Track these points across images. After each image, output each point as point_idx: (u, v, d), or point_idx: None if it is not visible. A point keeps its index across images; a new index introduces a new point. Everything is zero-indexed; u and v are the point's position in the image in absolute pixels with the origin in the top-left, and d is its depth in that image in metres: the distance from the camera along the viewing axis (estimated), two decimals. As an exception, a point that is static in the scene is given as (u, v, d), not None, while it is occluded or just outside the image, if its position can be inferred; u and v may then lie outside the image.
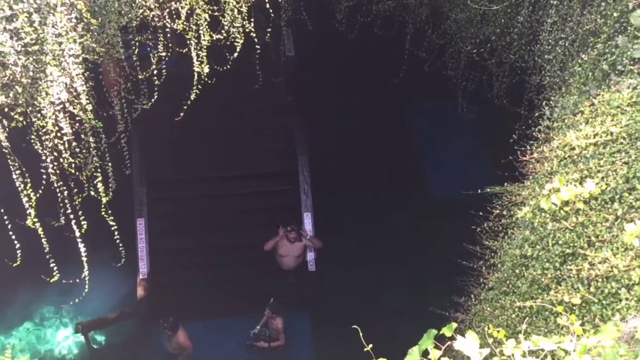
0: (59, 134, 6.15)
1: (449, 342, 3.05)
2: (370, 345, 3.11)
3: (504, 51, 8.43)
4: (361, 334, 3.31)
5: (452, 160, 12.52)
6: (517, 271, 5.02)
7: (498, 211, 5.90)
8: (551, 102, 6.19)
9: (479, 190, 6.19)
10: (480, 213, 6.09)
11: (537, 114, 6.38)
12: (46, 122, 6.01)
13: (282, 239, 10.90)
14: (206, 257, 11.71)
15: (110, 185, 7.08)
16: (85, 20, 5.87)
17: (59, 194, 6.53)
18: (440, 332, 3.13)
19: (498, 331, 2.93)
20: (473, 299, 5.96)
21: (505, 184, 5.98)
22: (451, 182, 11.46)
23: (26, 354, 9.65)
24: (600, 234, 4.13)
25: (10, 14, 5.33)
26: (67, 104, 6.05)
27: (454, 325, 3.07)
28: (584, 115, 5.08)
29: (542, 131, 5.84)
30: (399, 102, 12.94)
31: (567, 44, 6.56)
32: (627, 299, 3.73)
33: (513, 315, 4.87)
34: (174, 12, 6.82)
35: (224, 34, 7.08)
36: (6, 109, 5.83)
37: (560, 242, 4.44)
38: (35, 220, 6.39)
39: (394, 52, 9.81)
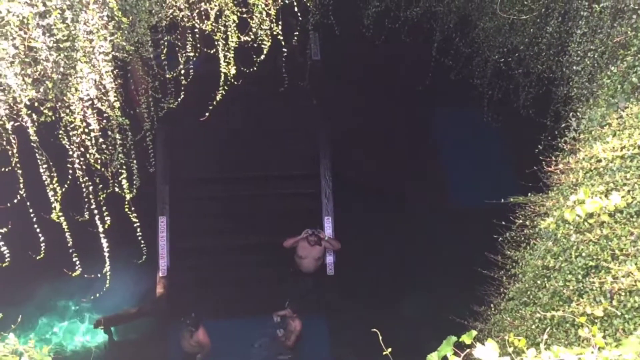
0: (86, 130, 6.23)
1: (468, 350, 3.04)
2: (390, 349, 3.11)
3: (532, 61, 8.39)
4: (380, 338, 3.32)
5: (476, 169, 12.45)
6: (538, 282, 4.98)
7: (521, 221, 5.87)
8: (578, 114, 6.14)
9: (502, 200, 6.16)
10: (503, 222, 6.06)
11: (563, 125, 6.34)
12: (74, 118, 6.10)
13: (303, 241, 10.91)
14: (226, 257, 11.75)
15: (134, 182, 7.15)
16: (116, 18, 5.94)
17: (84, 189, 6.61)
18: (460, 340, 3.12)
19: (519, 340, 2.92)
20: (493, 309, 5.93)
21: (529, 194, 5.95)
22: (474, 191, 11.40)
23: (50, 347, 9.74)
24: (625, 247, 4.09)
25: (44, 10, 5.41)
26: (95, 101, 6.12)
27: (474, 333, 3.06)
28: (612, 127, 5.04)
29: (568, 142, 5.81)
30: (424, 109, 12.91)
31: (596, 56, 6.50)
32: (650, 313, 3.70)
33: (533, 326, 4.83)
34: (203, 12, 6.88)
35: (252, 36, 7.12)
36: (36, 104, 5.91)
37: (583, 254, 4.41)
38: (60, 214, 6.47)
39: (421, 59, 9.81)
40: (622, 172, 4.48)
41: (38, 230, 6.50)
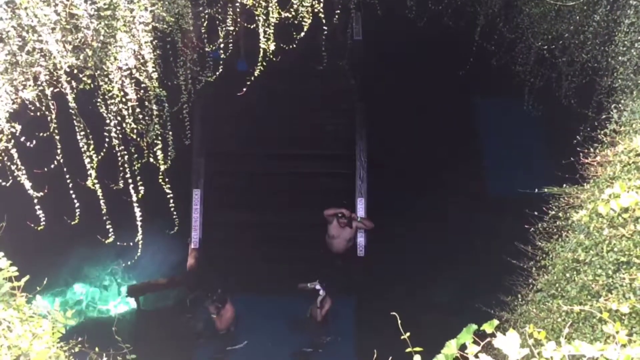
0: (123, 99, 6.30)
1: (488, 339, 3.01)
2: (408, 334, 3.09)
3: (577, 50, 8.19)
4: (399, 322, 3.30)
5: (512, 157, 12.30)
6: (567, 275, 4.90)
7: (554, 212, 5.77)
8: (620, 106, 5.99)
9: (537, 190, 6.06)
10: (536, 213, 5.97)
11: (604, 117, 6.19)
12: (112, 87, 6.16)
13: (335, 220, 10.88)
14: (258, 233, 11.81)
15: (169, 153, 7.21)
16: (157, -11, 5.97)
17: (119, 158, 6.69)
18: (481, 328, 3.08)
19: (539, 332, 2.87)
20: (520, 299, 5.86)
21: (565, 185, 5.84)
22: (510, 179, 11.27)
23: (74, 311, 9.93)
24: (658, 244, 4.00)
25: (86, -23, 5.45)
26: (133, 71, 6.17)
27: (495, 322, 3.01)
28: (654, 121, 4.91)
29: (608, 134, 5.67)
30: (464, 94, 12.74)
31: (643, 47, 6.33)
32: (679, 313, 3.61)
33: (559, 320, 4.77)
34: (245, -14, 6.86)
35: (293, 13, 7.08)
36: (75, 71, 5.98)
37: (615, 249, 4.32)
38: (96, 181, 6.57)
39: (462, 43, 9.65)
40: (661, 168, 4.37)
41: (73, 196, 6.60)
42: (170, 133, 7.28)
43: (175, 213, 7.39)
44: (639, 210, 4.10)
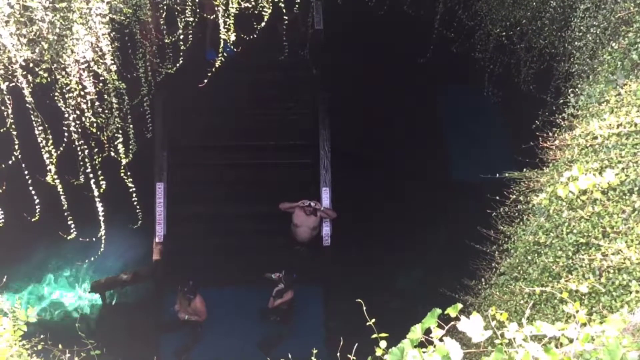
0: (82, 93, 6.20)
1: (452, 323, 3.05)
2: (373, 320, 3.12)
3: (534, 36, 8.30)
4: (365, 309, 3.32)
5: (473, 143, 12.43)
6: (529, 258, 4.99)
7: (515, 196, 5.85)
8: (577, 90, 6.09)
9: (498, 175, 6.14)
10: (497, 197, 6.05)
11: (562, 101, 6.29)
12: (70, 80, 6.06)
13: (299, 209, 10.89)
14: (222, 225, 11.75)
15: (130, 147, 7.13)
16: (113, -20, 5.88)
17: (79, 153, 6.59)
18: (445, 312, 3.13)
19: (501, 313, 2.92)
20: (483, 283, 5.95)
21: (525, 169, 5.93)
22: (471, 165, 11.38)
23: (36, 308, 9.79)
24: (616, 225, 4.09)
25: (40, -31, 5.35)
26: (91, 63, 6.09)
27: (459, 306, 3.06)
28: (610, 104, 5.00)
29: (565, 119, 5.77)
30: (425, 81, 12.82)
31: (598, 32, 6.44)
32: (637, 291, 3.70)
33: (522, 302, 4.85)
34: (203, -23, 6.80)
35: (253, 3, 7.04)
36: (31, 65, 5.87)
37: (574, 231, 4.41)
38: (55, 177, 6.47)
39: (423, 31, 9.70)
40: (617, 150, 4.45)
41: (33, 192, 6.49)
42: (131, 126, 7.20)
43: (138, 207, 7.32)
44: (597, 192, 4.18)
